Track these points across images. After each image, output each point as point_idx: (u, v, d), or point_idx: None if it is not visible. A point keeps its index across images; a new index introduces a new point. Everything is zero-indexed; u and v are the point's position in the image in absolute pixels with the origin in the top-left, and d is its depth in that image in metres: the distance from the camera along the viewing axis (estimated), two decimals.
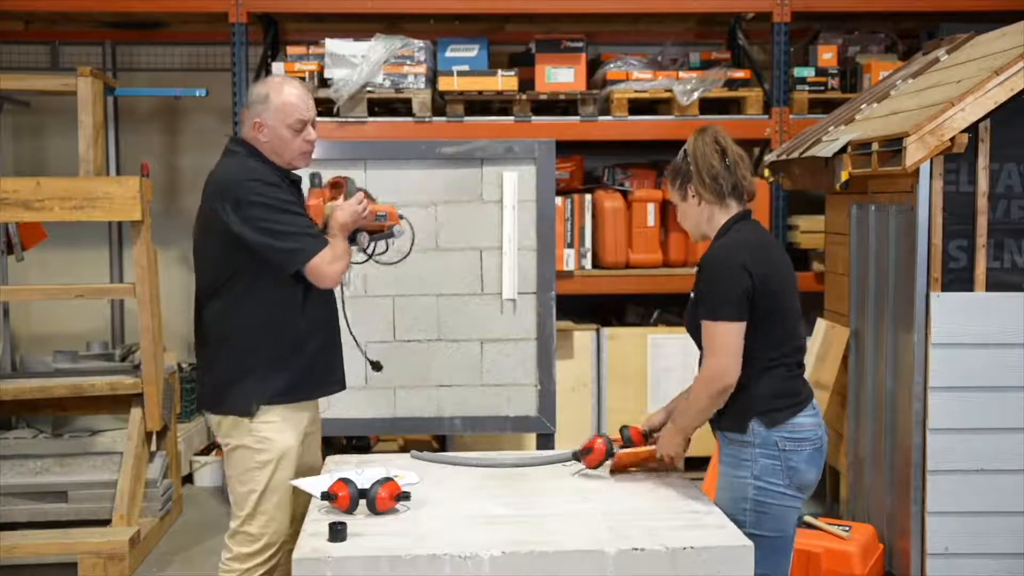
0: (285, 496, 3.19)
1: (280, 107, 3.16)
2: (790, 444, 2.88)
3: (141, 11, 6.16)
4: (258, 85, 3.26)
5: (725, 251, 2.95)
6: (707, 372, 2.88)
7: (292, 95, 3.18)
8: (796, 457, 2.88)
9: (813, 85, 5.94)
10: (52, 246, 6.11)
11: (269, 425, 3.16)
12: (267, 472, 3.15)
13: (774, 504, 2.87)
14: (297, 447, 3.21)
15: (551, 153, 4.37)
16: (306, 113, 3.20)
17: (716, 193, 2.99)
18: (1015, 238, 3.95)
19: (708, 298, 2.89)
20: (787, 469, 2.87)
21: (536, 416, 4.39)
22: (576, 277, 5.74)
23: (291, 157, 3.22)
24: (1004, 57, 3.94)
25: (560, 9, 5.98)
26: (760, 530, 2.85)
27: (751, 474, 2.88)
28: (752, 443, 2.88)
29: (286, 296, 3.15)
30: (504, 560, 2.54)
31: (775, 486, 2.87)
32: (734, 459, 2.92)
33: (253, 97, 3.22)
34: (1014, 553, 3.96)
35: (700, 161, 2.99)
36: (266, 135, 3.18)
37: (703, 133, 3.03)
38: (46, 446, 5.20)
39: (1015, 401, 3.93)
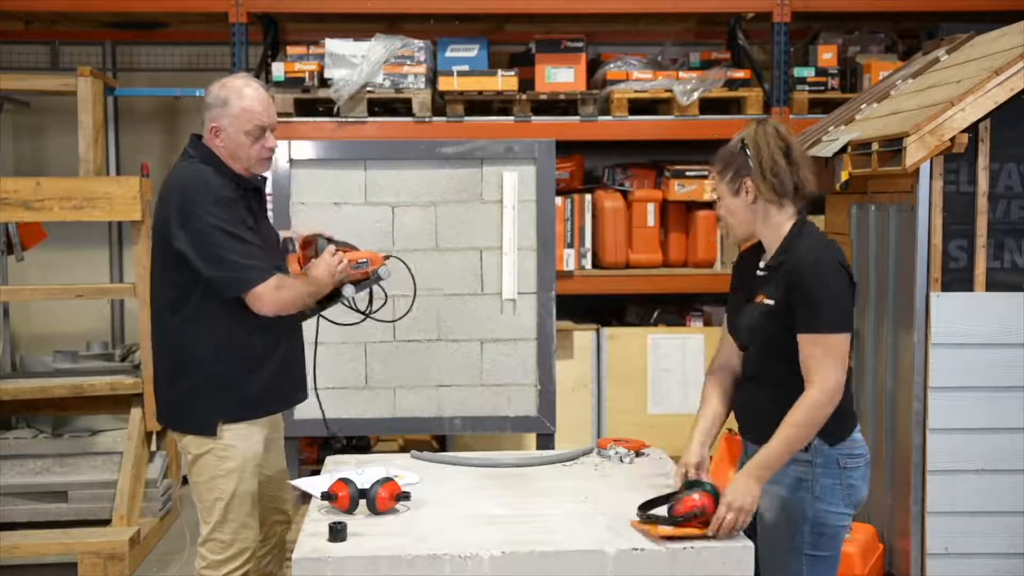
0: (252, 502, 3.18)
1: (238, 113, 3.05)
2: (850, 462, 2.74)
3: (141, 11, 6.16)
4: (216, 87, 3.11)
5: (830, 255, 2.69)
6: (825, 391, 2.61)
7: (251, 100, 3.06)
8: (855, 475, 2.75)
9: (813, 85, 5.94)
10: (52, 246, 6.11)
11: (233, 432, 3.13)
12: (233, 479, 3.13)
13: (832, 524, 2.74)
14: (260, 453, 3.21)
15: (551, 153, 4.37)
16: (265, 119, 3.09)
17: (777, 191, 2.75)
18: (1015, 238, 3.95)
19: (821, 306, 2.63)
20: (846, 488, 2.73)
21: (536, 416, 4.39)
22: (576, 277, 5.74)
23: (249, 164, 3.12)
24: (1004, 57, 3.94)
25: (560, 9, 5.97)
26: (817, 550, 2.74)
27: (811, 495, 2.72)
28: (812, 462, 2.71)
29: (245, 311, 3.06)
30: (504, 560, 2.54)
31: (835, 506, 2.73)
32: (791, 478, 2.74)
33: (211, 100, 3.09)
34: (1014, 553, 3.95)
35: (763, 154, 2.76)
36: (223, 140, 3.08)
37: (764, 124, 2.83)
38: (46, 446, 5.20)
39: (1015, 401, 3.93)
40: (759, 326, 2.78)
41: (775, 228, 2.79)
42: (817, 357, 2.64)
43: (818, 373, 2.63)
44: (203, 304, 3.07)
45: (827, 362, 2.63)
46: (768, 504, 2.77)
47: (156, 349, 3.23)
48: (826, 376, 2.63)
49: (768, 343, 2.77)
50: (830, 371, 2.63)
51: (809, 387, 2.64)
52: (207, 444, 3.14)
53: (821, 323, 2.64)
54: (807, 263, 2.67)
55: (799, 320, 2.66)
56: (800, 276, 2.67)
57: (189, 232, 2.99)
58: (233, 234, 2.99)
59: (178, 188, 3.08)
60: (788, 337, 2.70)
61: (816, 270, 2.66)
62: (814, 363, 2.64)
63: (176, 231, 3.00)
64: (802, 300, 2.66)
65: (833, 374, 2.63)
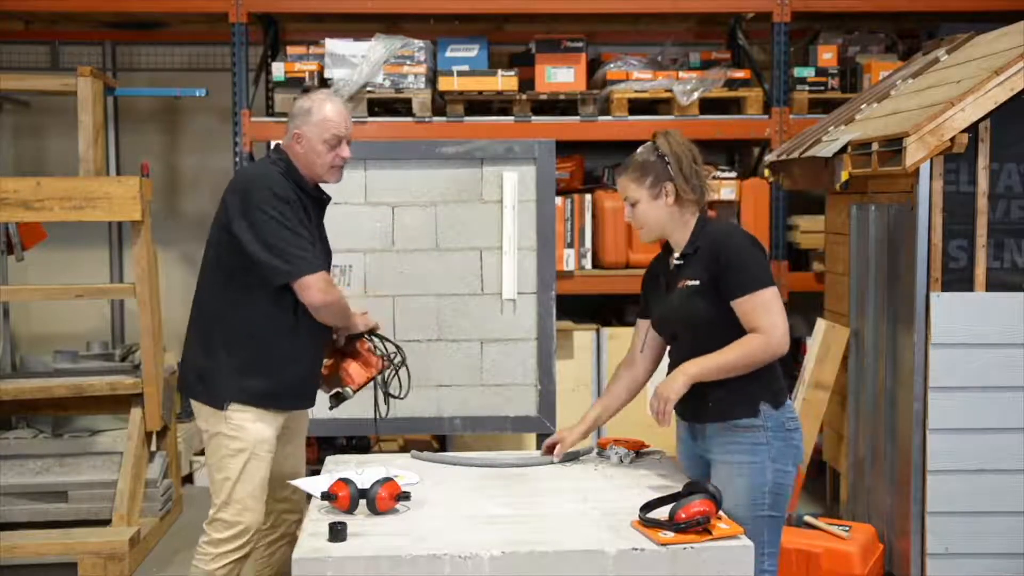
0: (259, 486, 3.27)
1: (319, 122, 3.27)
2: (791, 423, 2.96)
3: (141, 11, 6.17)
4: (303, 99, 3.38)
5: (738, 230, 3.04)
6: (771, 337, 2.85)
7: (332, 112, 3.29)
8: (797, 436, 2.96)
9: (813, 85, 5.94)
10: (52, 246, 6.11)
11: (244, 415, 3.25)
12: (240, 460, 3.24)
13: (786, 484, 2.93)
14: (273, 440, 3.30)
15: (551, 153, 4.37)
16: (342, 130, 3.31)
17: (695, 192, 3.06)
18: (1015, 238, 3.94)
19: (746, 271, 2.89)
20: (792, 449, 2.94)
21: (536, 416, 4.39)
22: (576, 277, 5.75)
23: (323, 171, 3.32)
24: (1004, 57, 3.94)
25: (560, 9, 5.98)
26: (776, 511, 2.91)
27: (768, 457, 2.90)
28: (764, 426, 2.91)
29: (282, 310, 3.24)
30: (504, 560, 2.54)
31: (786, 466, 2.92)
32: (746, 446, 2.92)
33: (296, 110, 3.34)
34: (1014, 553, 3.95)
35: (683, 161, 3.07)
36: (303, 146, 3.29)
37: (670, 134, 3.12)
38: (46, 446, 5.20)
39: (1015, 401, 3.93)
40: (690, 305, 3.00)
41: (685, 225, 3.09)
42: (758, 312, 2.87)
43: (762, 323, 2.86)
44: (248, 291, 3.23)
45: (768, 314, 2.87)
46: (729, 473, 2.93)
47: (193, 316, 3.40)
48: (771, 324, 2.86)
49: (700, 319, 2.98)
50: (774, 320, 2.86)
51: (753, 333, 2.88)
52: (219, 424, 3.26)
53: (751, 283, 2.88)
54: (722, 238, 2.98)
55: (730, 287, 2.90)
56: (720, 250, 2.95)
57: (248, 219, 3.16)
58: (289, 227, 3.16)
59: (245, 178, 3.35)
60: (718, 311, 2.93)
61: (732, 241, 2.96)
62: (756, 317, 2.87)
63: (237, 216, 3.17)
64: (728, 269, 2.92)
65: (777, 323, 2.86)
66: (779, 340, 2.87)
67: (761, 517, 2.87)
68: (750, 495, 2.89)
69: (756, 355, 2.88)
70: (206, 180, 6.86)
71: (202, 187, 6.86)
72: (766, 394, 2.92)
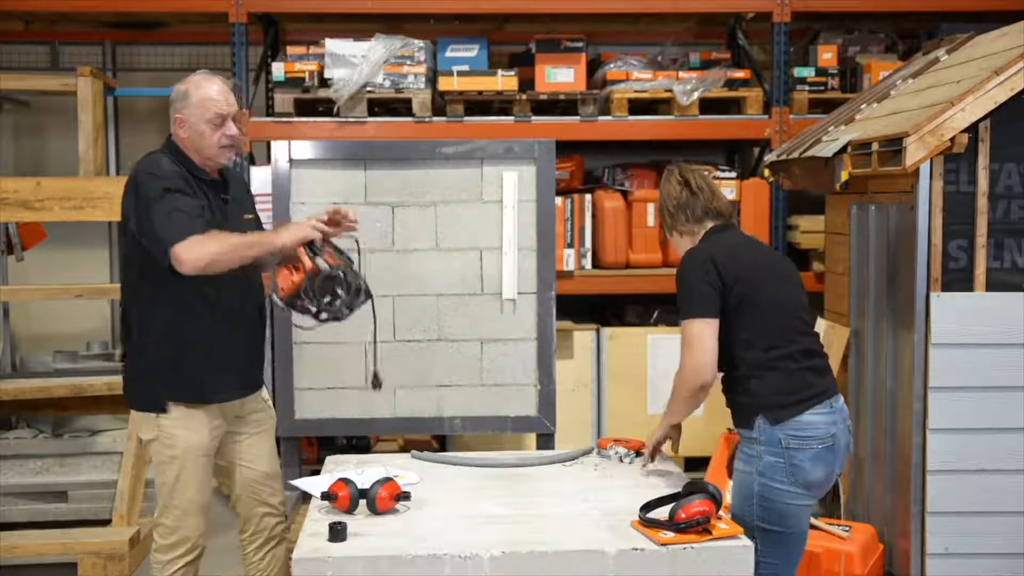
0: (197, 491, 3.27)
1: (198, 103, 3.23)
2: (795, 442, 2.90)
3: (141, 11, 6.16)
4: (180, 84, 3.31)
5: (690, 255, 3.10)
6: (682, 372, 2.98)
7: (211, 90, 3.25)
8: (800, 455, 2.90)
9: (813, 85, 5.94)
10: (52, 246, 6.11)
11: (173, 421, 3.25)
12: (175, 467, 3.24)
13: (778, 501, 2.91)
14: (207, 445, 3.28)
15: (551, 153, 4.37)
16: (224, 108, 3.25)
17: (689, 220, 3.19)
18: (1015, 238, 3.94)
19: (680, 301, 3.00)
20: (790, 467, 2.89)
21: (536, 416, 4.39)
22: (576, 277, 5.74)
23: (211, 152, 3.25)
24: (1004, 57, 3.94)
25: (560, 9, 5.97)
26: (766, 524, 2.91)
27: (756, 470, 2.92)
28: (758, 440, 2.93)
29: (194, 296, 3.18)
30: (504, 560, 2.54)
31: (779, 483, 2.90)
32: (743, 455, 2.99)
33: (174, 95, 3.28)
34: (1014, 553, 3.95)
35: (667, 200, 3.25)
36: (186, 131, 3.24)
37: (669, 174, 3.28)
38: (46, 446, 5.20)
39: (1015, 401, 3.93)
40: None
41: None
42: (682, 342, 3.00)
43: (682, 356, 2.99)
44: (157, 287, 3.18)
45: (685, 347, 2.98)
46: (733, 479, 3.04)
47: (122, 331, 3.39)
48: (683, 362, 2.99)
49: None
50: (686, 352, 2.97)
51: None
52: (153, 431, 3.27)
53: (681, 314, 3.01)
54: (679, 267, 3.10)
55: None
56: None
57: (136, 209, 3.13)
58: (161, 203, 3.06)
59: (133, 172, 3.25)
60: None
61: (679, 270, 3.07)
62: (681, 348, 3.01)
63: (130, 211, 3.16)
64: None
65: (688, 358, 2.96)
66: (687, 373, 2.96)
67: (749, 525, 2.89)
68: (739, 502, 2.98)
69: (680, 390, 3.02)
70: None
71: None
72: (763, 409, 2.93)
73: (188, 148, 3.26)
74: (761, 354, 2.94)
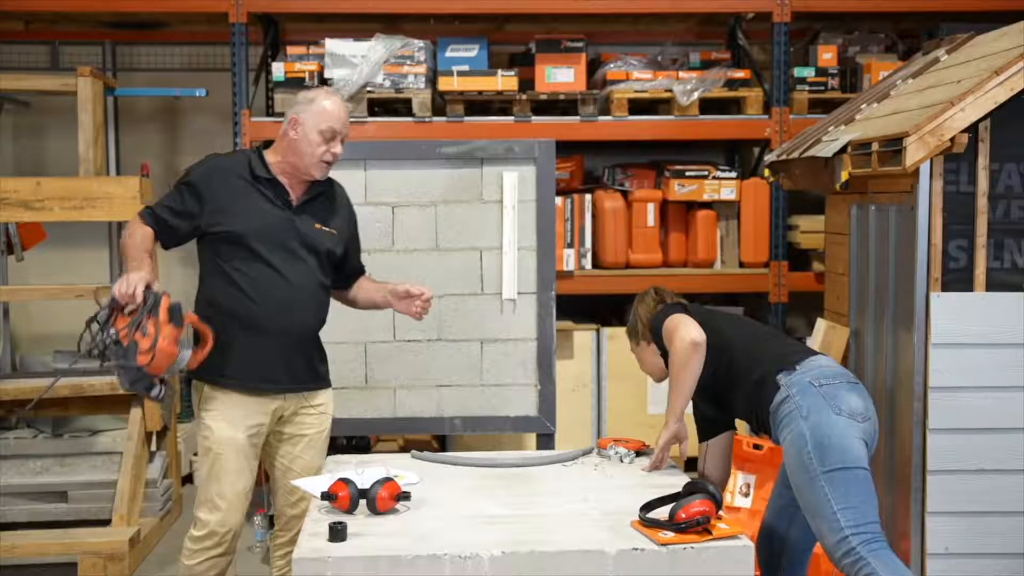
0: (229, 486, 3.28)
1: (319, 111, 3.34)
2: (824, 379, 3.03)
3: (141, 11, 6.16)
4: (309, 91, 3.50)
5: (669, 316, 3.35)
6: (674, 345, 3.18)
7: (332, 105, 3.38)
8: (834, 389, 3.01)
9: (813, 85, 5.94)
10: (52, 246, 6.11)
11: (210, 413, 3.32)
12: (210, 459, 3.31)
13: (830, 435, 2.94)
14: (241, 440, 3.29)
15: (551, 153, 4.37)
16: (339, 126, 3.37)
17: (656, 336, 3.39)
18: (1015, 238, 3.94)
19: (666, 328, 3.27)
20: (829, 399, 2.98)
21: (536, 416, 4.39)
22: (576, 277, 5.74)
23: (311, 162, 3.36)
24: (1004, 57, 3.94)
25: (560, 9, 5.97)
26: (829, 465, 2.92)
27: (800, 417, 2.97)
28: (790, 395, 3.00)
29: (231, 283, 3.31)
30: (504, 560, 2.54)
31: (824, 416, 2.95)
32: (784, 419, 3.02)
33: (300, 98, 3.43)
34: (1014, 553, 3.95)
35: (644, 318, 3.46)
36: (297, 133, 3.35)
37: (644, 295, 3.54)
38: (46, 446, 5.20)
39: (1015, 401, 3.93)
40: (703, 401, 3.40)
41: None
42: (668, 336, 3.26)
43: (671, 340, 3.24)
44: (207, 268, 3.40)
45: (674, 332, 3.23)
46: (785, 454, 3.04)
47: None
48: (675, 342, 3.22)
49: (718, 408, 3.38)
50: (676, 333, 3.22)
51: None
52: (199, 422, 3.37)
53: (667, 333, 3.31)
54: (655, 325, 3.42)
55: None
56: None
57: None
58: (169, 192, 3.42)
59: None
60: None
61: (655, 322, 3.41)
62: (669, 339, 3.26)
63: None
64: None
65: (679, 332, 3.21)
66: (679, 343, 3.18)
67: (814, 478, 2.91)
68: (797, 462, 2.97)
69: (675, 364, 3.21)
70: None
71: None
72: (776, 367, 3.06)
73: (289, 151, 3.38)
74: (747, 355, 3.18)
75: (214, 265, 3.35)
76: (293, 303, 3.34)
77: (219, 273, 3.33)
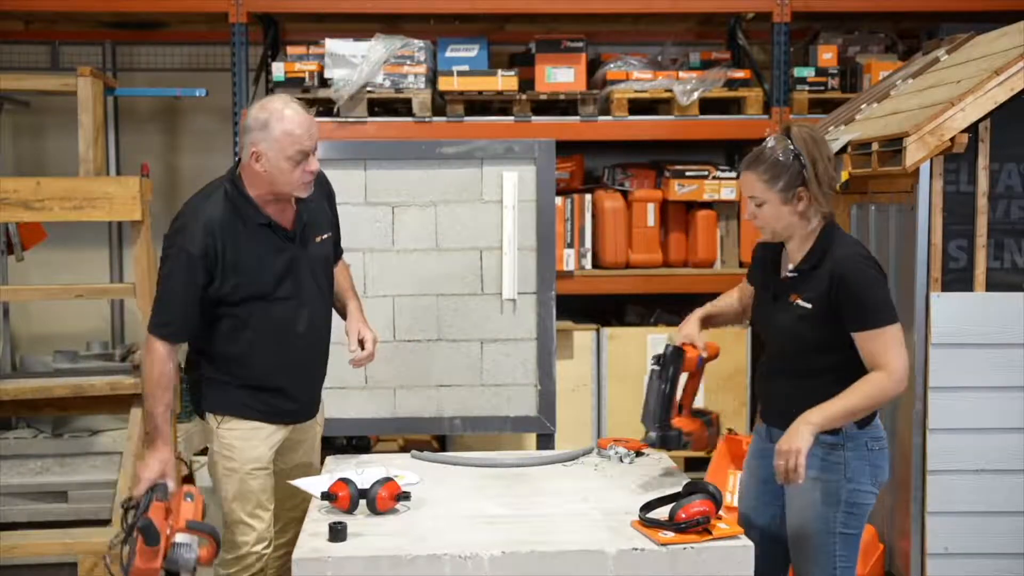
0: (256, 504, 3.21)
1: (280, 137, 2.99)
2: (875, 444, 2.89)
3: (141, 11, 6.15)
4: (256, 109, 3.06)
5: (868, 257, 2.88)
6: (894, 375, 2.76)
7: (293, 123, 3.00)
8: (880, 457, 2.90)
9: (813, 85, 5.94)
10: (52, 246, 6.11)
11: (233, 433, 3.19)
12: (235, 481, 3.18)
13: (864, 504, 2.89)
14: (267, 456, 3.23)
15: (551, 153, 4.37)
16: (307, 143, 3.03)
17: (828, 200, 2.87)
18: (1015, 238, 3.94)
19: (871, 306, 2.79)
20: (874, 468, 2.89)
21: (536, 416, 4.39)
22: (576, 277, 5.74)
23: (289, 189, 3.10)
24: (1004, 57, 3.94)
25: (560, 9, 5.97)
26: (849, 528, 2.88)
27: (844, 476, 2.86)
28: (843, 444, 2.85)
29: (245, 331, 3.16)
30: (504, 560, 2.54)
31: (864, 486, 2.87)
32: (823, 462, 2.85)
33: (251, 122, 3.03)
34: (1014, 553, 3.95)
35: (819, 167, 2.83)
36: (263, 165, 3.04)
37: (808, 130, 2.87)
38: (46, 446, 5.20)
39: (1015, 401, 3.93)
40: (797, 330, 2.90)
41: (809, 235, 2.91)
42: (880, 349, 2.78)
43: (885, 359, 2.78)
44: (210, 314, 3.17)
45: (891, 351, 2.78)
46: (804, 485, 2.83)
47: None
48: (892, 361, 2.77)
49: (805, 344, 2.90)
50: (895, 357, 2.78)
51: (878, 371, 2.79)
52: (212, 442, 3.23)
53: (875, 318, 2.79)
54: (847, 266, 2.82)
55: (853, 320, 2.80)
56: (842, 280, 2.80)
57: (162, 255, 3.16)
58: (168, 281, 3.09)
59: (183, 208, 3.26)
60: (828, 338, 2.84)
61: (856, 272, 2.81)
62: (879, 355, 2.78)
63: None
64: (851, 301, 2.80)
65: (898, 359, 2.78)
66: (900, 378, 2.79)
67: (832, 533, 2.86)
68: (822, 511, 2.87)
69: (880, 396, 2.81)
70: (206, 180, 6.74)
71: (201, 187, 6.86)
72: None
73: (260, 182, 3.08)
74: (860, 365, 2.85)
75: (224, 313, 3.14)
76: (313, 345, 3.31)
77: (231, 324, 3.15)
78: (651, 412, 2.90)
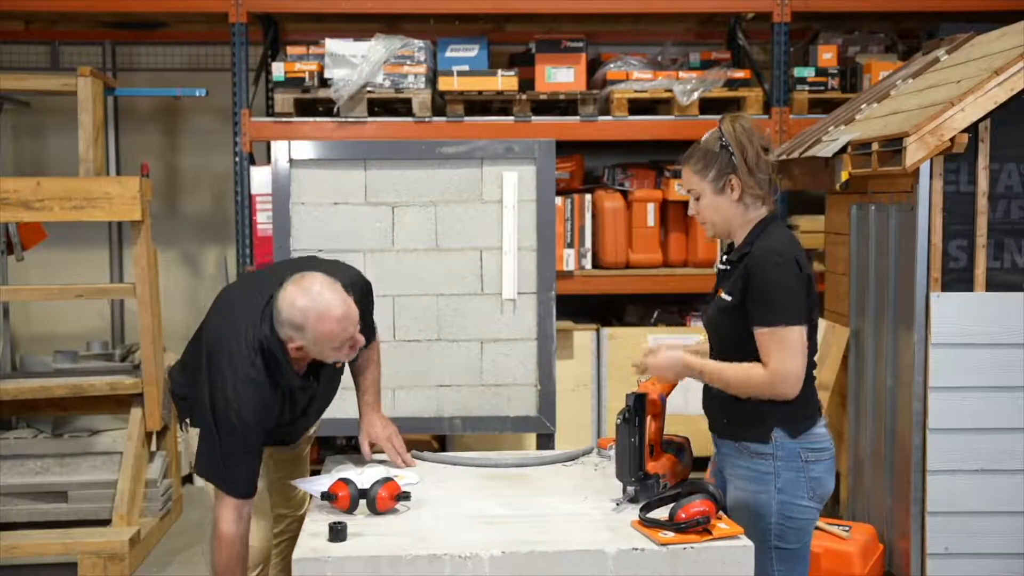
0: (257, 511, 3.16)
1: (319, 338, 2.85)
2: (812, 455, 2.80)
3: (141, 11, 6.16)
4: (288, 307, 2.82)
5: (783, 253, 2.77)
6: (774, 374, 2.71)
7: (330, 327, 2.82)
8: (818, 468, 2.81)
9: (813, 85, 5.94)
10: (52, 246, 6.12)
11: None
12: None
13: (799, 518, 2.80)
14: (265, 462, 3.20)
15: (551, 153, 4.37)
16: (350, 331, 2.89)
17: (762, 187, 2.83)
18: (1015, 238, 3.95)
19: (773, 302, 2.72)
20: (810, 481, 2.79)
21: (536, 416, 4.39)
22: (576, 277, 5.75)
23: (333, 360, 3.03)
24: (1004, 57, 3.94)
25: (560, 9, 5.97)
26: (784, 543, 2.80)
27: (774, 487, 2.79)
28: (774, 455, 2.78)
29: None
30: (504, 560, 2.54)
31: (799, 499, 2.79)
32: (753, 472, 2.82)
33: (284, 319, 2.83)
34: (1014, 553, 3.95)
35: (748, 152, 2.81)
36: (304, 352, 2.92)
37: (738, 120, 2.85)
38: (46, 446, 5.20)
39: (1015, 401, 3.93)
40: (716, 321, 2.91)
41: (748, 224, 2.88)
42: (767, 348, 2.73)
43: (768, 358, 2.73)
44: None
45: (776, 352, 2.72)
46: (737, 495, 2.84)
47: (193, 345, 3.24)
48: (777, 362, 2.71)
49: (725, 337, 2.88)
50: (779, 360, 2.71)
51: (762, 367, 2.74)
52: None
53: (771, 318, 2.73)
54: (761, 259, 2.76)
55: (752, 314, 2.76)
56: (752, 272, 2.76)
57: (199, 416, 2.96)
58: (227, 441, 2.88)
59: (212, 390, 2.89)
60: (744, 332, 2.79)
61: (767, 266, 2.75)
62: (767, 353, 2.73)
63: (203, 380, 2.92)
64: (752, 294, 2.75)
65: (783, 363, 2.71)
66: (777, 381, 2.71)
67: (769, 547, 2.79)
68: (755, 523, 2.79)
69: (749, 388, 2.76)
70: (206, 180, 6.86)
71: (202, 187, 6.87)
72: (782, 421, 2.77)
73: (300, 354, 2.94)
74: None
75: None
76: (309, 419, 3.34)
77: None
78: (626, 468, 2.88)
